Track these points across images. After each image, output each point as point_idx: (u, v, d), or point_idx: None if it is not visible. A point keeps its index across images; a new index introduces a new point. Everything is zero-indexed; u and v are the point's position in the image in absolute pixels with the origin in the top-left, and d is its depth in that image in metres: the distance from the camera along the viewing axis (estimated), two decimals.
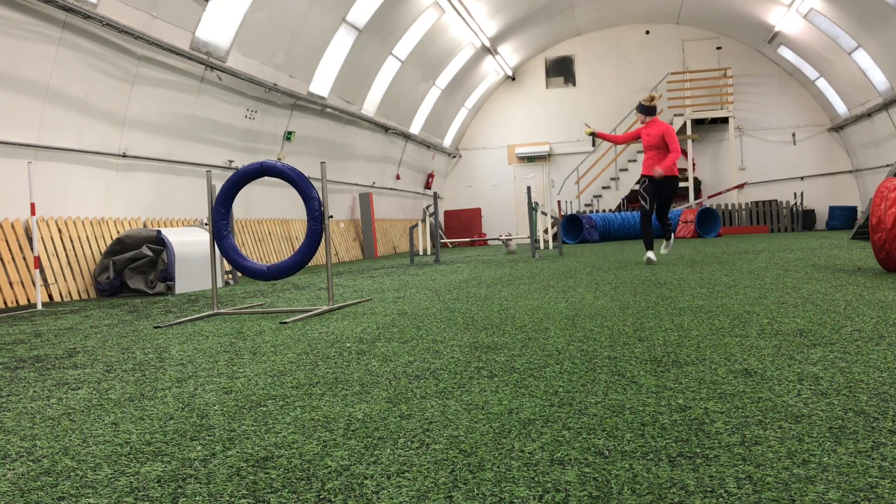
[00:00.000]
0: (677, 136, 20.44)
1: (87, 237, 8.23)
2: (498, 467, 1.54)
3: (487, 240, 15.18)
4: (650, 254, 8.07)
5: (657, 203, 8.08)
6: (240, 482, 1.54)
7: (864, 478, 1.37)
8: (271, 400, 2.30)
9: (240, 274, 10.04)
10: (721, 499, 1.31)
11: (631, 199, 21.74)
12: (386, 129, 17.12)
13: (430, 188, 21.83)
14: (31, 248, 7.39)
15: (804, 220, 20.23)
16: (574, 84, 22.69)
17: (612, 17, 21.47)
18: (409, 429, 1.88)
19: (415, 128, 19.22)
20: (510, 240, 14.40)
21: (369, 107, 16.05)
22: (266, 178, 12.45)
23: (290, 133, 12.95)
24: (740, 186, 21.06)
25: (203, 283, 8.25)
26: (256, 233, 11.99)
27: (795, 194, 20.92)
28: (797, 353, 2.58)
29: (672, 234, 8.45)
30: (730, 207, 20.18)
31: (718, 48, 21.57)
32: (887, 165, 17.20)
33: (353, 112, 15.00)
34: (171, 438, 1.91)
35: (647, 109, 8.19)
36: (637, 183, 8.14)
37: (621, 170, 21.75)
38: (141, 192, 9.44)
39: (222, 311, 5.21)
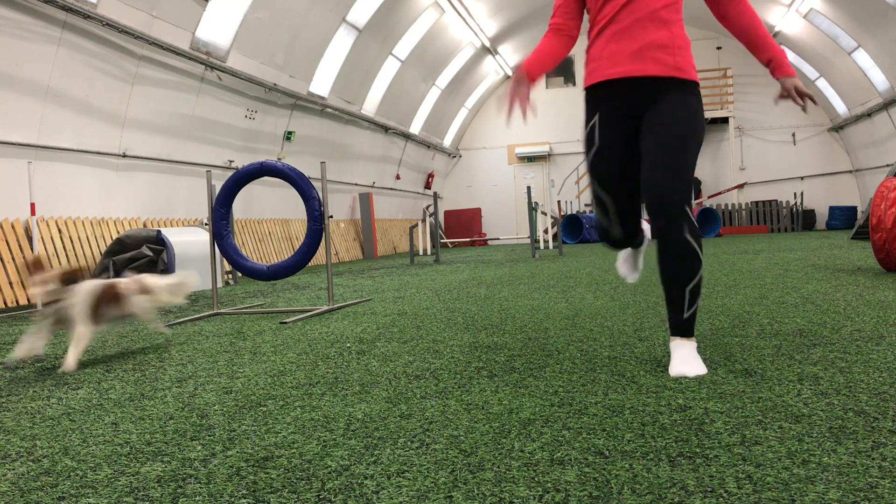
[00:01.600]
0: None
1: (87, 237, 8.23)
2: (498, 467, 1.54)
3: (487, 240, 15.17)
4: (625, 259, 3.15)
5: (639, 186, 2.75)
6: (240, 482, 1.54)
7: (864, 478, 1.37)
8: (271, 400, 2.30)
9: (240, 274, 10.04)
10: (721, 499, 1.30)
11: None
12: (386, 129, 17.12)
13: (430, 188, 21.83)
14: (31, 248, 7.39)
15: (804, 220, 20.23)
16: (574, 84, 22.69)
17: None
18: (409, 429, 1.88)
19: (415, 128, 19.22)
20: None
21: (369, 107, 16.05)
22: (266, 178, 12.44)
23: (290, 133, 12.95)
24: (740, 186, 21.06)
25: (203, 283, 8.25)
26: (256, 233, 11.98)
27: (795, 194, 20.91)
28: (797, 353, 2.58)
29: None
30: (730, 207, 20.17)
31: (718, 48, 21.57)
32: (887, 165, 17.20)
33: (353, 112, 15.00)
34: (171, 438, 1.91)
35: None
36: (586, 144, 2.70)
37: None
38: (141, 192, 9.44)
39: (222, 311, 5.21)
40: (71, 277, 3.15)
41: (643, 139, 2.51)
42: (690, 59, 2.56)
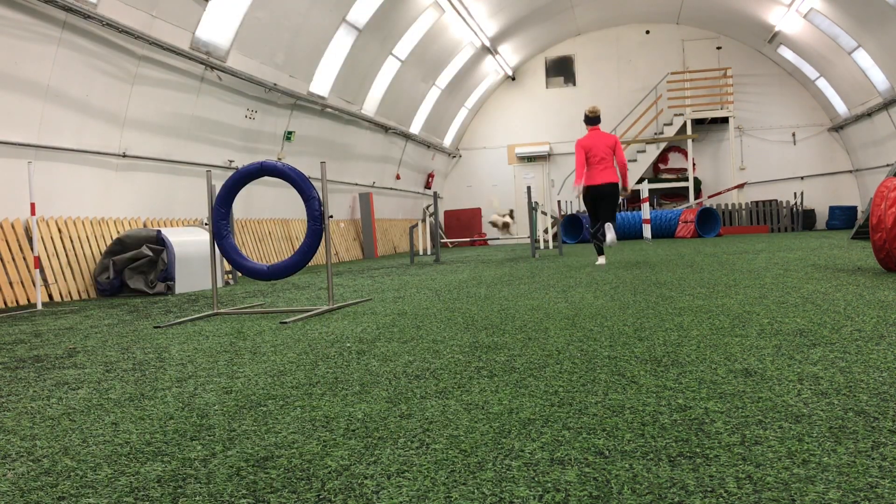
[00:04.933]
0: (677, 136, 20.57)
1: (87, 237, 8.23)
2: (498, 467, 1.54)
3: (487, 240, 15.16)
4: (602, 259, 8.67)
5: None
6: (240, 482, 1.54)
7: (864, 478, 1.37)
8: (271, 400, 2.30)
9: (240, 274, 10.04)
10: (721, 499, 1.31)
11: (630, 199, 21.74)
12: (386, 129, 17.12)
13: (430, 188, 21.83)
14: (31, 248, 7.39)
15: (804, 220, 20.23)
16: (574, 84, 22.69)
17: (612, 17, 21.46)
18: (409, 429, 1.88)
19: (415, 128, 19.21)
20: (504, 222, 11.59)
21: (369, 107, 16.05)
22: (266, 178, 12.44)
23: (290, 133, 12.95)
24: (740, 186, 21.06)
25: (203, 283, 8.25)
26: (256, 233, 11.99)
27: (795, 194, 20.91)
28: (797, 353, 2.58)
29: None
30: (730, 207, 20.17)
31: (718, 48, 21.56)
32: (887, 165, 17.20)
33: (353, 112, 15.00)
34: (171, 438, 1.91)
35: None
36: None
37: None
38: (141, 192, 9.44)
39: (222, 311, 5.21)
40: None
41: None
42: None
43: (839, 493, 1.30)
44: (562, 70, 22.77)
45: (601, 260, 8.58)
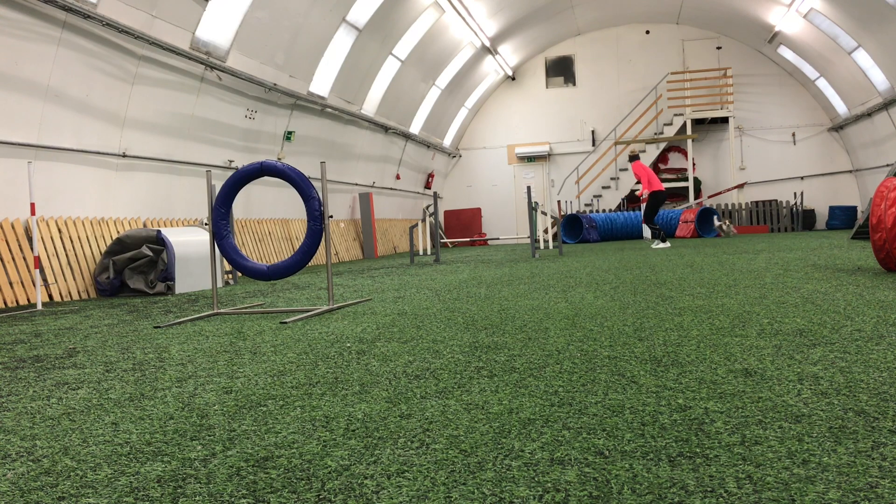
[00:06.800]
0: (677, 136, 20.59)
1: (87, 237, 8.23)
2: (498, 467, 1.54)
3: (487, 240, 15.17)
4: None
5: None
6: (240, 482, 1.54)
7: (864, 478, 1.37)
8: (271, 400, 2.30)
9: (240, 274, 10.04)
10: (721, 499, 1.31)
11: (630, 199, 21.75)
12: (386, 129, 17.12)
13: (430, 188, 21.83)
14: (31, 248, 7.40)
15: (804, 219, 20.23)
16: (574, 84, 22.69)
17: (612, 17, 21.46)
18: (409, 429, 1.88)
19: (415, 128, 19.21)
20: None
21: (369, 107, 16.05)
22: (266, 178, 12.45)
23: (290, 133, 12.95)
24: (740, 186, 21.06)
25: (203, 283, 8.25)
26: (256, 233, 11.98)
27: (795, 194, 20.91)
28: (797, 353, 2.58)
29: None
30: (730, 207, 20.17)
31: (718, 48, 21.56)
32: (887, 165, 17.20)
33: (353, 112, 15.00)
34: (171, 438, 1.91)
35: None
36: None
37: (621, 170, 21.75)
38: (141, 192, 9.44)
39: (222, 311, 5.21)
40: None
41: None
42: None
43: (839, 493, 1.30)
44: (562, 70, 22.77)
45: (667, 244, 12.61)
